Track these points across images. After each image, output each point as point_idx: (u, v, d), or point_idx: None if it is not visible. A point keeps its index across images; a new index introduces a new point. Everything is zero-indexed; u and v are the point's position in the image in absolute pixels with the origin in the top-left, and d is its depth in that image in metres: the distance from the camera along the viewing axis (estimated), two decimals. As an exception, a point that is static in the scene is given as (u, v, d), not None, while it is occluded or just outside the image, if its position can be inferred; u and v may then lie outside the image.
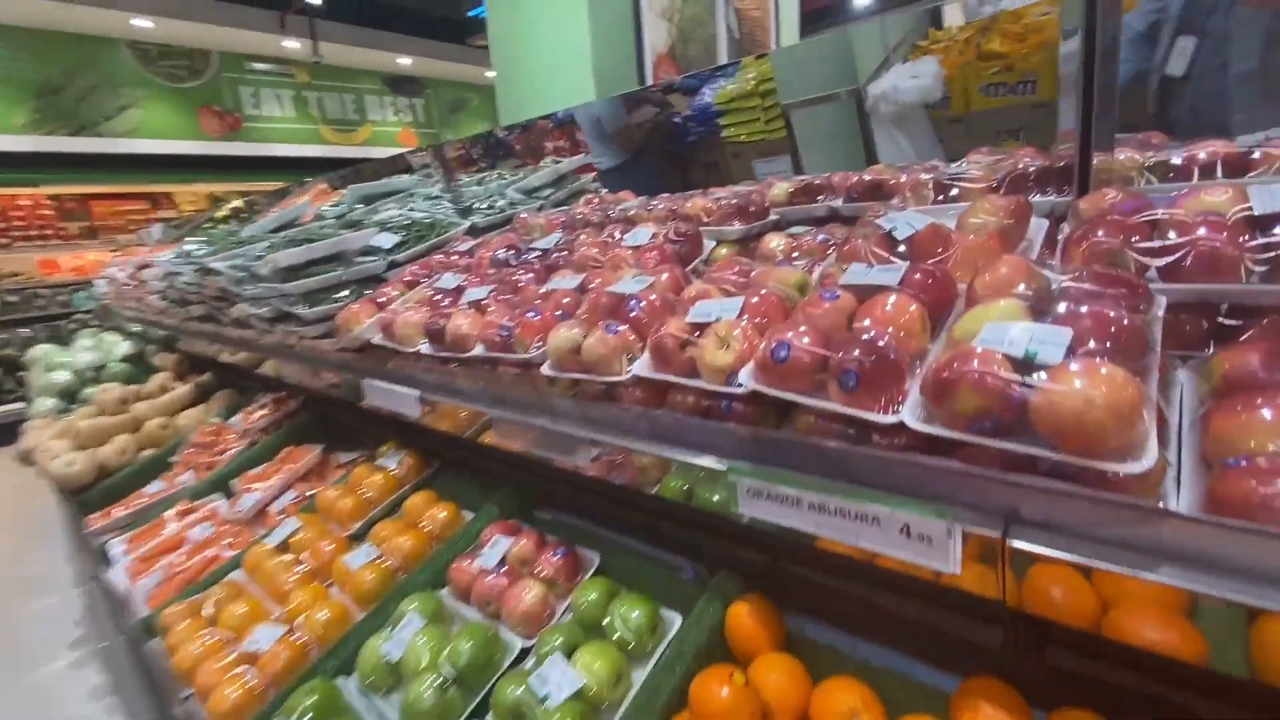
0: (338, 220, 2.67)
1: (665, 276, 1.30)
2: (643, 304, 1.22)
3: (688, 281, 1.31)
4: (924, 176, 1.41)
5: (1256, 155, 1.02)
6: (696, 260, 1.57)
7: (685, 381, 1.06)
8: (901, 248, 1.10)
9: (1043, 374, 0.70)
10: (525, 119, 2.97)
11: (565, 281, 1.49)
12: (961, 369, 0.73)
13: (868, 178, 1.69)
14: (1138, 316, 0.77)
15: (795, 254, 1.56)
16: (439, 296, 1.77)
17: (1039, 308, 0.81)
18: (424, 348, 1.64)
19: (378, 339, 1.81)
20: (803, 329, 0.90)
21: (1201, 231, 0.81)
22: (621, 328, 1.18)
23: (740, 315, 1.06)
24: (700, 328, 1.08)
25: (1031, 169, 1.26)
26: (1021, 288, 0.85)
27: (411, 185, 3.24)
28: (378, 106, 12.40)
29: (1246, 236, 0.79)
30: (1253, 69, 1.72)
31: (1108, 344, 0.72)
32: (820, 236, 1.57)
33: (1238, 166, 1.06)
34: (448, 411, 1.65)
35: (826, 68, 4.21)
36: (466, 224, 2.40)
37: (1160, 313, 0.81)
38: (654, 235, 1.58)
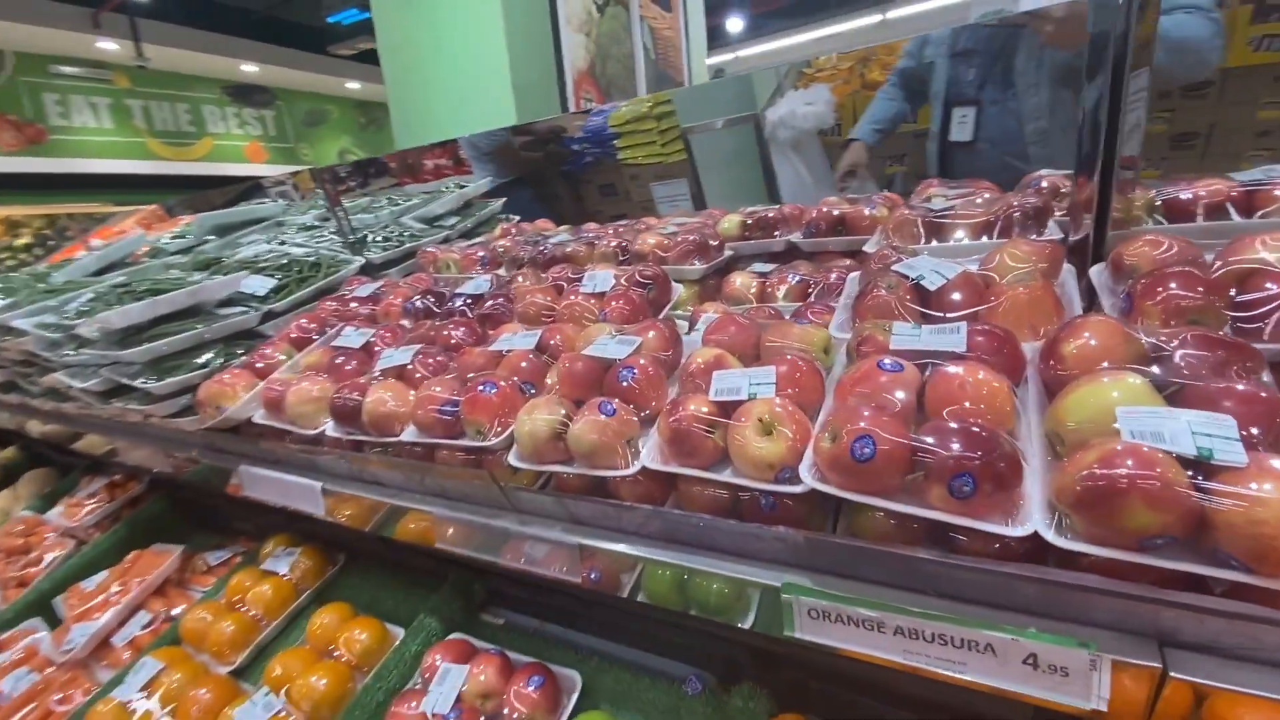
0: (187, 260, 2.17)
1: (653, 335, 1.08)
2: (636, 373, 0.99)
3: (678, 340, 1.10)
4: (909, 214, 1.31)
5: (1276, 193, 0.99)
6: (668, 306, 1.37)
7: (724, 479, 0.85)
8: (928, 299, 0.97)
9: (1233, 482, 0.56)
10: (437, 140, 2.64)
11: (518, 340, 1.22)
12: (1127, 476, 0.58)
13: (833, 212, 1.58)
14: (1273, 390, 0.67)
15: (779, 294, 1.41)
16: (343, 359, 1.42)
17: (1162, 384, 0.69)
18: (330, 429, 1.29)
19: (261, 417, 1.42)
20: (883, 417, 0.72)
21: (1296, 286, 0.74)
22: (617, 406, 0.94)
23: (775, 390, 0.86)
24: (727, 406, 0.87)
25: (1027, 207, 1.19)
26: (1120, 356, 0.73)
27: (278, 212, 2.77)
28: (218, 118, 11.04)
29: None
30: (1044, 126, 1.97)
31: (1270, 434, 0.61)
32: (794, 277, 1.43)
33: (1244, 204, 1.03)
34: (362, 503, 1.31)
35: (725, 92, 4.23)
36: (359, 261, 2.02)
37: (1269, 378, 0.72)
38: (616, 279, 1.35)
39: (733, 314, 1.09)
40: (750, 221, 1.71)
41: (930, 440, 0.68)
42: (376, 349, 1.44)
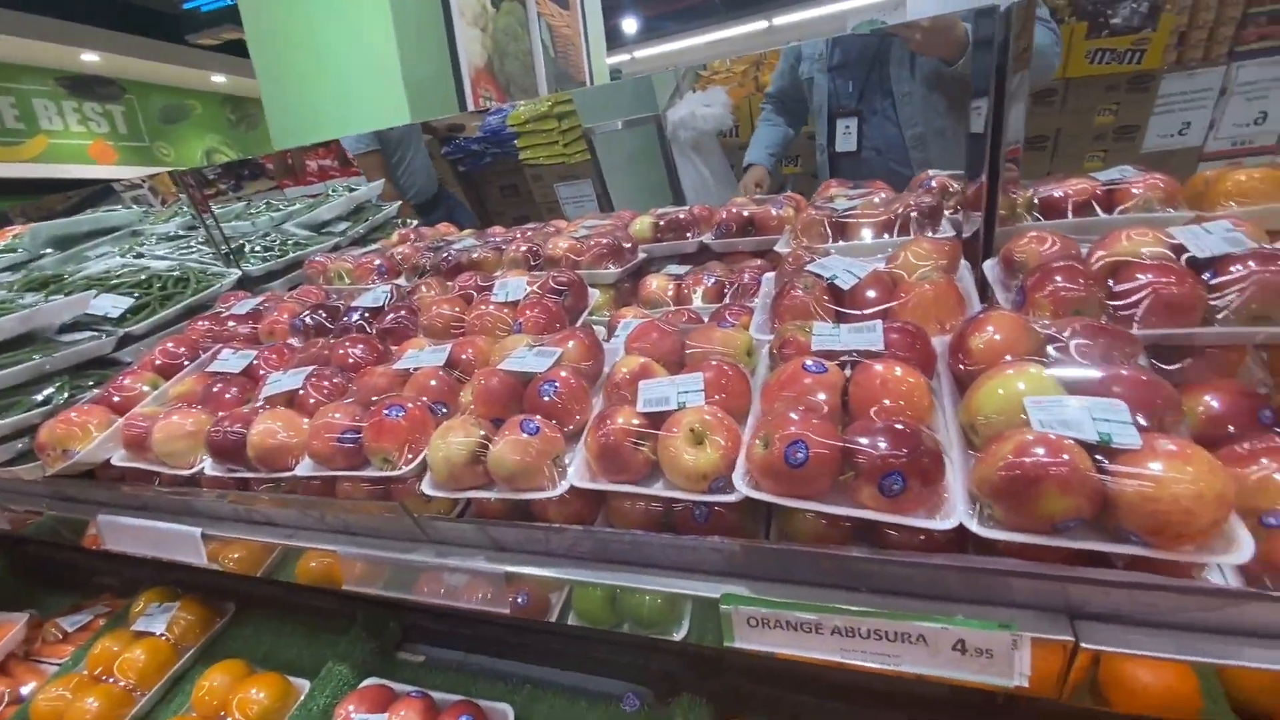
0: (18, 279, 1.86)
1: (573, 345, 1.04)
2: (558, 386, 0.94)
3: (599, 349, 1.06)
4: (816, 214, 1.34)
5: (1132, 190, 1.10)
6: (585, 313, 1.33)
7: (654, 493, 0.82)
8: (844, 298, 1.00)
9: (1129, 463, 0.60)
10: (320, 139, 2.41)
11: (425, 356, 1.13)
12: (1041, 466, 0.61)
13: (741, 212, 1.60)
14: (1155, 373, 0.73)
15: (694, 295, 1.40)
16: (220, 387, 1.26)
17: (1061, 373, 0.74)
18: (208, 468, 1.14)
19: (122, 459, 1.24)
20: (813, 420, 0.72)
21: (1161, 276, 0.81)
22: (540, 423, 0.89)
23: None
24: (655, 417, 0.84)
25: (922, 206, 1.26)
26: (1022, 348, 0.78)
27: (133, 220, 2.46)
28: (53, 113, 9.71)
29: (1202, 279, 0.81)
30: (921, 132, 2.14)
31: (1156, 416, 0.66)
32: (710, 278, 1.43)
33: (1105, 201, 1.14)
34: (252, 546, 1.18)
35: (626, 93, 4.24)
36: (235, 274, 1.82)
37: (1145, 361, 0.79)
38: (530, 287, 1.29)
39: (654, 320, 1.06)
40: (662, 223, 1.70)
41: (861, 441, 0.69)
42: (261, 373, 1.29)
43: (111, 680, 1.36)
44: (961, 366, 0.81)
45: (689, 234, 1.67)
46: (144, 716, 1.34)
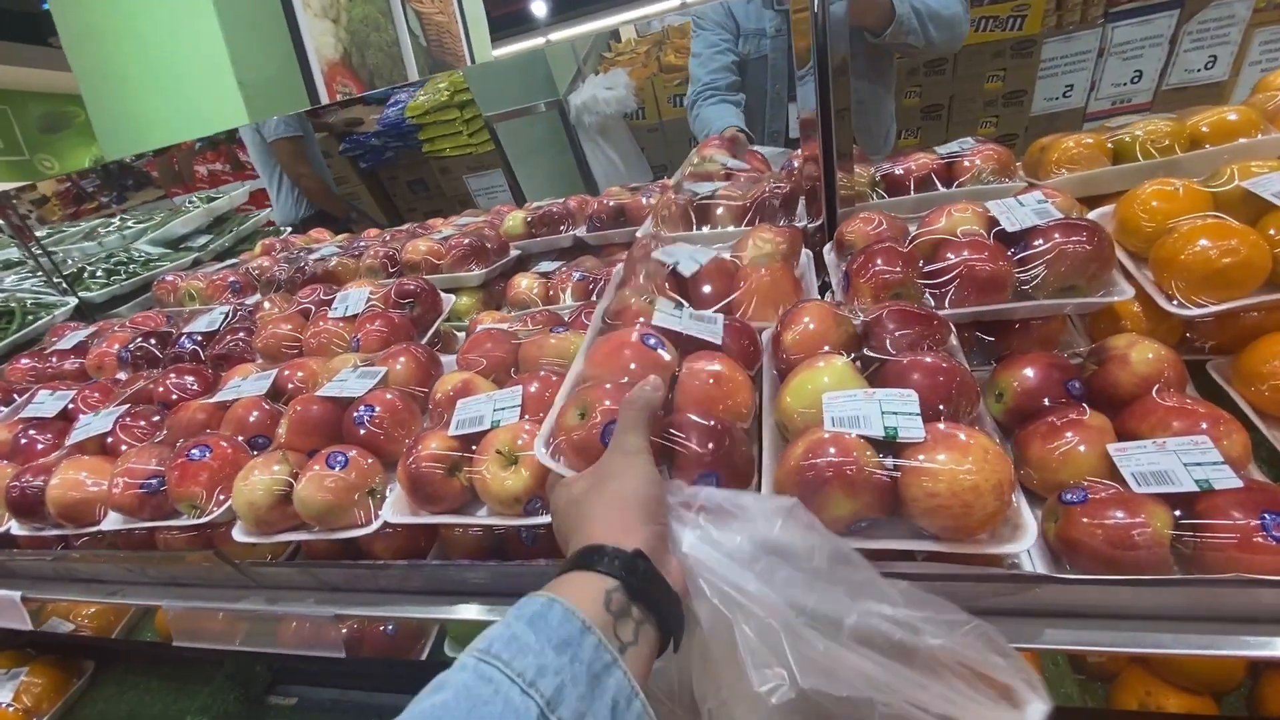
0: None
1: (402, 363, 0.96)
2: (376, 411, 0.87)
3: (436, 365, 0.99)
4: (677, 199, 1.30)
5: (965, 163, 1.10)
6: (437, 322, 1.25)
7: (466, 521, 0.76)
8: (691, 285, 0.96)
9: (912, 457, 0.59)
10: (150, 147, 2.20)
11: (247, 385, 1.04)
12: (828, 467, 0.59)
13: (609, 203, 1.55)
14: (957, 360, 0.72)
15: (552, 295, 1.35)
16: (28, 437, 1.13)
17: (866, 363, 0.72)
18: (14, 528, 1.03)
19: (-85, 526, 1.10)
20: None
21: (972, 253, 0.80)
22: (351, 455, 0.82)
23: (522, 413, 0.79)
24: (472, 439, 0.78)
25: (778, 191, 1.23)
26: (834, 338, 0.75)
27: (-31, 247, 2.22)
28: (-91, 126, 8.78)
29: (1009, 253, 0.81)
30: (859, 107, 2.05)
31: (951, 403, 0.65)
32: (577, 274, 1.38)
33: (945, 175, 1.14)
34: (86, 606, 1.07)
35: (523, 78, 4.09)
36: (71, 303, 1.66)
37: (955, 341, 0.78)
38: (371, 297, 1.21)
39: (490, 329, 1.00)
40: (533, 218, 1.63)
41: (678, 435, 0.64)
42: (74, 416, 1.17)
43: (-53, 766, 1.23)
44: (779, 362, 0.79)
45: (563, 228, 1.61)
46: (-15, 802, 1.22)
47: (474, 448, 0.77)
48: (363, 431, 0.86)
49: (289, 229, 2.24)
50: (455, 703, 0.38)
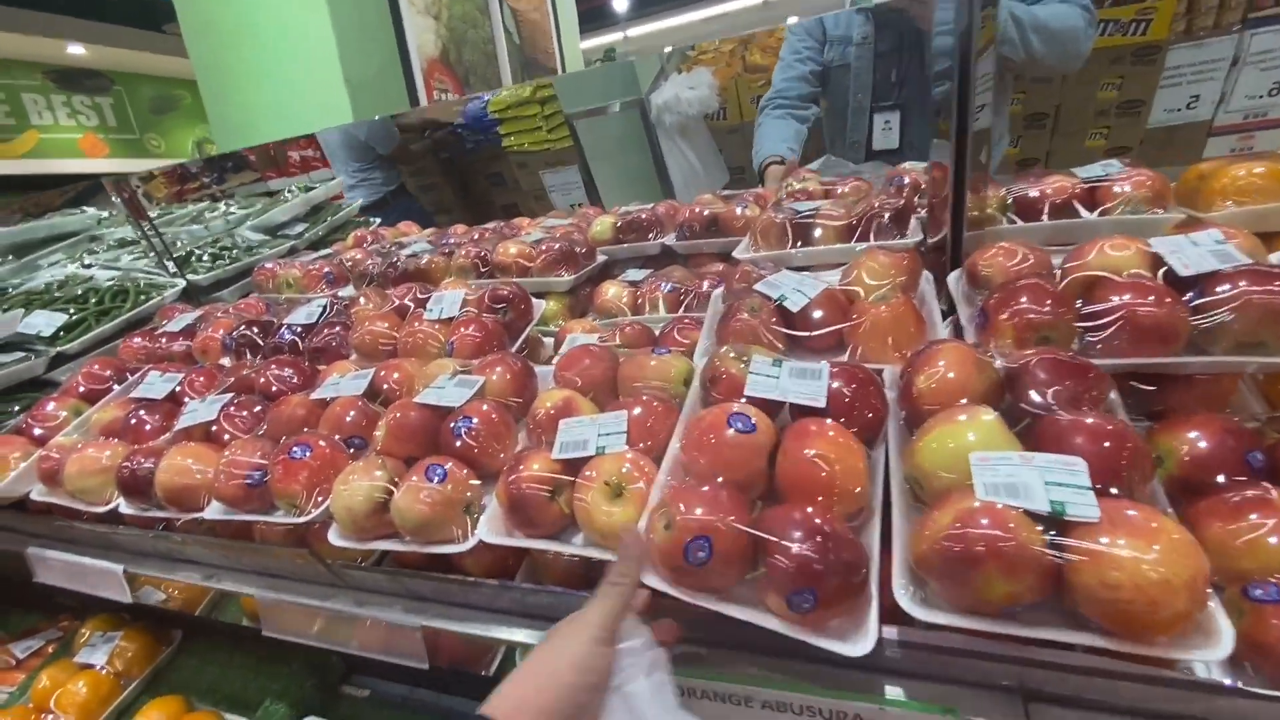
0: (-43, 292, 1.79)
1: (499, 373, 0.95)
2: (475, 424, 0.85)
3: (531, 377, 0.97)
4: (775, 216, 1.24)
5: (1113, 189, 0.99)
6: (528, 329, 1.24)
7: (568, 549, 0.73)
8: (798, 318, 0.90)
9: (1085, 538, 0.51)
10: (258, 138, 2.30)
11: (345, 384, 1.05)
12: (982, 542, 0.52)
13: (702, 212, 1.50)
14: (1123, 422, 0.63)
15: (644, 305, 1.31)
16: (138, 417, 1.18)
17: (1012, 415, 0.65)
18: (122, 506, 1.07)
19: (40, 494, 1.17)
20: (723, 502, 0.62)
21: (1137, 297, 0.71)
22: (448, 468, 0.81)
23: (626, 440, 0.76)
24: (576, 464, 0.76)
25: (887, 208, 1.15)
26: (975, 386, 0.68)
27: (88, 226, 2.37)
28: (44, 107, 9.61)
29: (1182, 300, 0.72)
30: None
31: (1123, 476, 0.57)
32: (667, 285, 1.34)
33: (1086, 200, 1.03)
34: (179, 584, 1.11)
35: (605, 76, 4.08)
36: (180, 284, 1.74)
37: (1116, 397, 0.70)
38: (466, 302, 1.20)
39: (587, 345, 0.97)
40: (622, 224, 1.60)
41: (774, 539, 0.59)
42: (186, 400, 1.22)
43: (51, 717, 1.31)
44: (910, 409, 0.72)
45: (651, 235, 1.58)
46: (83, 755, 1.29)
47: (578, 473, 0.74)
48: (459, 444, 0.84)
49: (378, 220, 2.29)
50: None
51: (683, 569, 0.60)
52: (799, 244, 1.21)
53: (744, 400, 0.72)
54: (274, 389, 1.14)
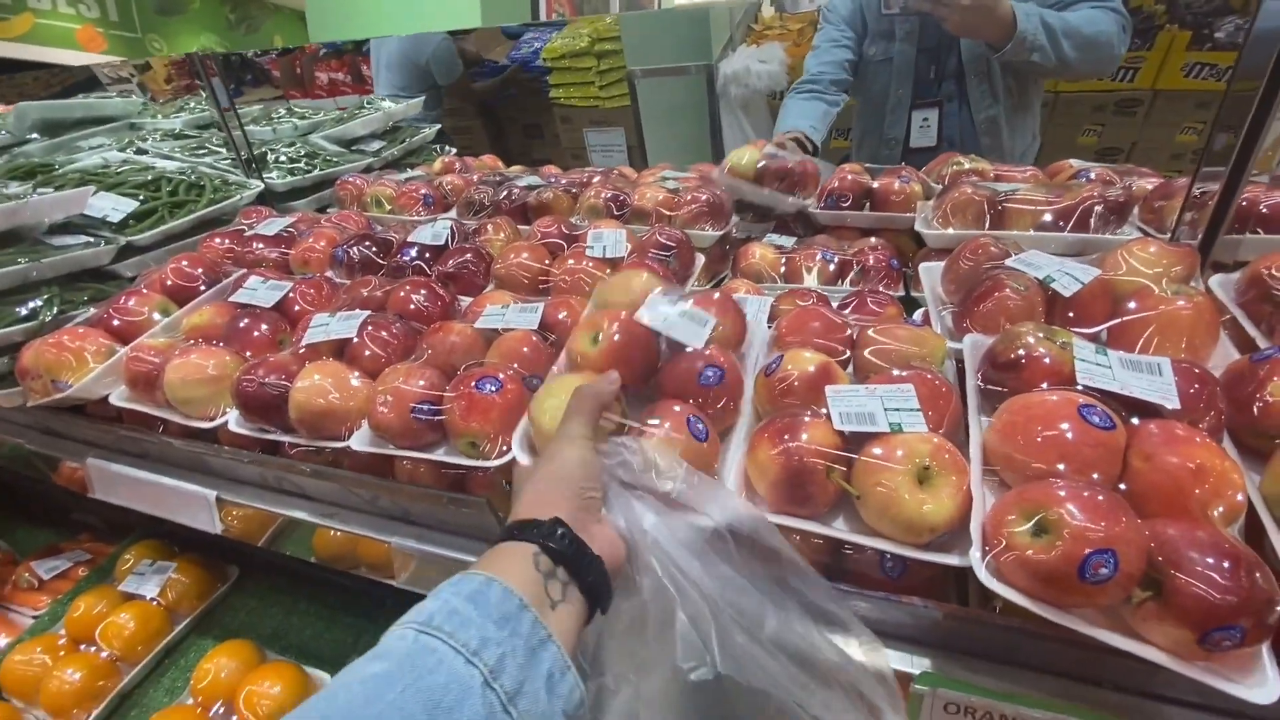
0: (3, 164, 1.59)
1: (730, 320, 0.82)
2: (723, 375, 0.73)
3: (746, 333, 0.85)
4: (972, 193, 1.13)
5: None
6: (690, 281, 1.12)
7: (850, 538, 0.63)
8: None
9: None
10: (364, 36, 2.09)
11: (514, 316, 0.92)
12: None
13: (861, 180, 1.38)
14: None
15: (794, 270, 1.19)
16: (247, 323, 1.04)
17: None
18: (232, 422, 0.93)
19: (122, 399, 1.02)
20: (1119, 514, 0.51)
21: None
22: (708, 426, 0.69)
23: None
24: (854, 439, 0.65)
25: (1110, 200, 1.05)
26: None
27: (131, 111, 2.16)
28: (41, -10, 8.96)
29: None
30: (994, 114, 1.86)
31: None
32: (829, 256, 1.22)
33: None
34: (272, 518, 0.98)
35: (679, 36, 3.89)
36: (258, 187, 1.57)
37: None
38: (629, 243, 1.07)
39: (810, 309, 0.86)
40: (767, 167, 1.44)
41: (1190, 562, 0.49)
42: (296, 310, 1.07)
43: (93, 649, 1.17)
44: (1253, 423, 0.63)
45: (795, 192, 1.45)
46: (130, 693, 1.15)
47: (860, 449, 0.63)
48: (710, 390, 0.72)
49: (454, 150, 2.12)
50: (399, 672, 0.39)
51: (1068, 584, 0.50)
52: (996, 229, 1.10)
53: (1080, 389, 0.62)
54: (412, 309, 1.00)
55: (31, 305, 1.15)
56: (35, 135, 1.98)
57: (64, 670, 1.11)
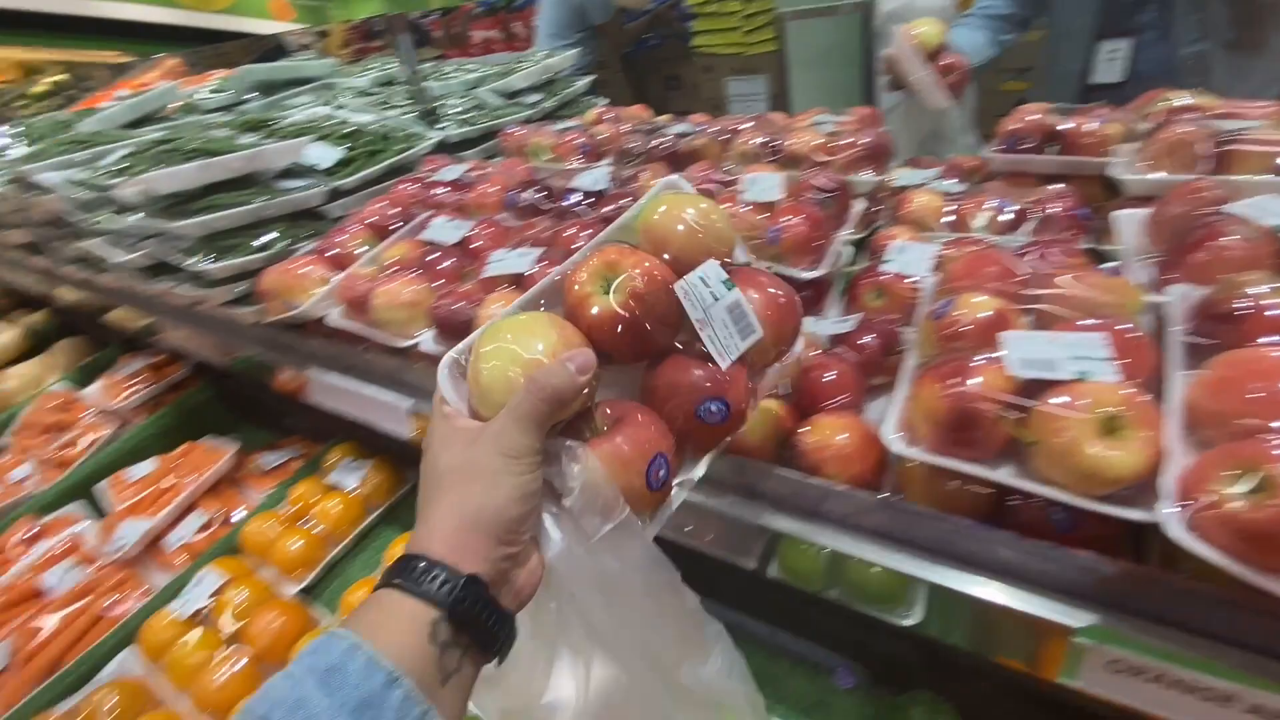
0: (231, 119, 1.87)
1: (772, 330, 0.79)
2: (728, 409, 0.60)
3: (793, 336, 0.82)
4: (1187, 130, 1.00)
5: None
6: (845, 228, 1.10)
7: (1024, 485, 0.62)
8: None
9: None
10: None
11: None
12: None
13: (1046, 121, 1.26)
14: None
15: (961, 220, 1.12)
16: (435, 256, 1.17)
17: None
18: (426, 342, 1.07)
19: (337, 319, 1.20)
20: None
21: None
22: (665, 471, 0.56)
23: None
24: (1029, 387, 0.63)
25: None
26: None
27: (326, 72, 2.42)
28: (239, -35, 10.12)
29: None
30: (1204, 49, 1.55)
31: None
32: (1004, 205, 1.14)
33: None
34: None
35: (833, -30, 3.64)
36: (435, 137, 1.73)
37: None
38: (786, 188, 1.07)
39: (984, 253, 0.82)
40: (944, 45, 1.35)
41: None
42: (475, 247, 1.19)
43: (308, 525, 1.42)
44: None
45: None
46: (336, 564, 1.40)
47: (1037, 396, 0.61)
48: (699, 430, 0.60)
49: (606, 100, 2.18)
50: None
51: (1284, 542, 0.47)
52: (1219, 174, 0.97)
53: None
54: (575, 249, 1.07)
55: (265, 239, 1.37)
56: (254, 95, 2.30)
57: (289, 540, 1.36)
